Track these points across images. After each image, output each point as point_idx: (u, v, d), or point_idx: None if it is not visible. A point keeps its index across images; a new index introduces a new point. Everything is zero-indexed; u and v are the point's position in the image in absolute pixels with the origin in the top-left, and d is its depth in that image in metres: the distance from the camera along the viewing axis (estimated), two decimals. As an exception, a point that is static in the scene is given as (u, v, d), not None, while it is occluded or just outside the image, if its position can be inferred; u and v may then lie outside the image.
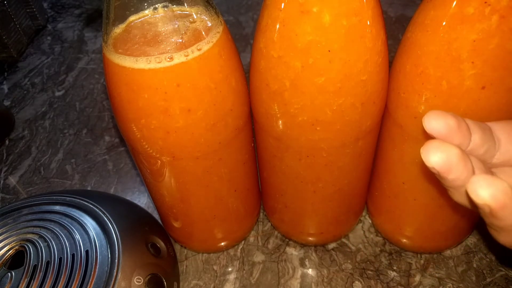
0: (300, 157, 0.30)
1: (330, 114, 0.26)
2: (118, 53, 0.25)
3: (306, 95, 0.25)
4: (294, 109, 0.26)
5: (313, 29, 0.23)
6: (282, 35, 0.24)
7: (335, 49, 0.23)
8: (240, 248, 0.40)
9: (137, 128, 0.27)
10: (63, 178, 0.49)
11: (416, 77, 0.26)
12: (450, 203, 0.32)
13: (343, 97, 0.25)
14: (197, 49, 0.25)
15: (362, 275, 0.37)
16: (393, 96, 0.29)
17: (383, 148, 0.33)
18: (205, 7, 0.26)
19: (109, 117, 0.57)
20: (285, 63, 0.25)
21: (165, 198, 0.33)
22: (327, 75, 0.24)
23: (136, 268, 0.31)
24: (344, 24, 0.23)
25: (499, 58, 0.22)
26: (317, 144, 0.28)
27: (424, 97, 0.26)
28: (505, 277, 0.36)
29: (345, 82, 0.25)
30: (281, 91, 0.26)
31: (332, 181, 0.32)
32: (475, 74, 0.23)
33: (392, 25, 0.70)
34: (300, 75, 0.25)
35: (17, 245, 0.33)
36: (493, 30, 0.22)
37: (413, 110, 0.27)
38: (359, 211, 0.39)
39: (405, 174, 0.32)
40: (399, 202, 0.34)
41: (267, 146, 0.32)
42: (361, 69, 0.25)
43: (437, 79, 0.25)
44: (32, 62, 0.70)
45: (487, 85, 0.23)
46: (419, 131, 0.28)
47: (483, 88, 0.24)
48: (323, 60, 0.24)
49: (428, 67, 0.25)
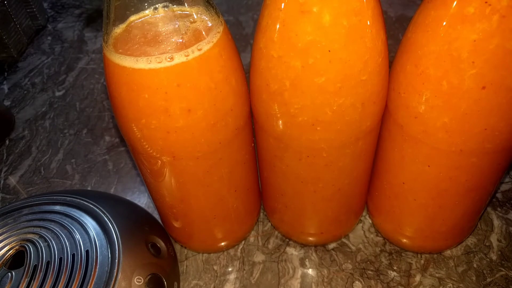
0: (300, 157, 0.30)
1: (330, 114, 0.26)
2: (118, 53, 0.25)
3: (306, 95, 0.25)
4: (294, 109, 0.26)
5: (313, 29, 0.23)
6: (282, 35, 0.24)
7: (335, 49, 0.23)
8: (240, 248, 0.40)
9: (138, 128, 0.27)
10: (63, 178, 0.49)
11: (417, 77, 0.26)
12: (450, 203, 0.32)
13: (343, 97, 0.25)
14: (197, 49, 0.25)
15: (362, 275, 0.37)
16: (393, 96, 0.29)
17: (383, 148, 0.33)
18: (206, 7, 0.26)
19: (109, 117, 0.57)
20: (285, 63, 0.25)
21: (165, 198, 0.33)
22: (327, 75, 0.24)
23: (136, 268, 0.31)
24: (344, 24, 0.23)
25: (500, 58, 0.22)
26: (317, 144, 0.28)
27: (424, 97, 0.26)
28: (505, 277, 0.36)
29: (345, 82, 0.25)
30: (281, 91, 0.26)
31: (332, 181, 0.32)
32: (476, 74, 0.23)
33: (392, 25, 0.70)
34: (300, 75, 0.25)
35: (17, 245, 0.33)
36: (493, 30, 0.22)
37: (413, 110, 0.27)
38: (359, 211, 0.39)
39: (405, 174, 0.32)
40: (399, 202, 0.34)
41: (267, 146, 0.32)
42: (361, 69, 0.25)
43: (438, 79, 0.25)
44: (32, 62, 0.70)
45: (487, 85, 0.23)
46: (419, 131, 0.28)
47: (483, 88, 0.24)
48: (323, 60, 0.24)
49: (428, 67, 0.25)
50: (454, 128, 0.26)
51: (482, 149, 0.27)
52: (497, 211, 0.41)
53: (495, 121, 0.25)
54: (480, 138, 0.26)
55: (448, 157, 0.28)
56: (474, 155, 0.27)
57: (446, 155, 0.28)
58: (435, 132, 0.27)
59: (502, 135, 0.26)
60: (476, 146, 0.27)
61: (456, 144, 0.27)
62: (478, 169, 0.29)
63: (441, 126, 0.26)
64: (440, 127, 0.26)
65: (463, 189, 0.30)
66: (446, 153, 0.28)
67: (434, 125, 0.27)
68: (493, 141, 0.26)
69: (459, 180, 0.29)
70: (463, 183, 0.30)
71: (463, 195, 0.31)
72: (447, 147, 0.27)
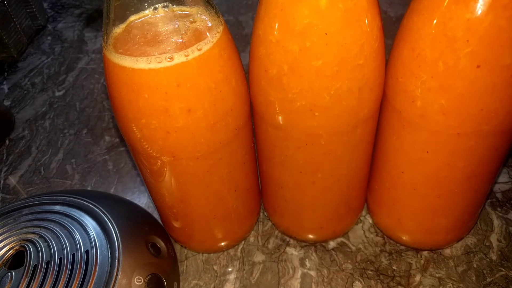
0: (299, 145, 0.30)
1: (328, 98, 0.26)
2: (118, 53, 0.25)
3: (304, 79, 0.26)
4: (293, 93, 0.27)
5: (310, 12, 0.24)
6: (280, 19, 0.25)
7: (332, 32, 0.24)
8: (240, 248, 0.40)
9: (137, 128, 0.27)
10: (63, 178, 0.49)
11: (413, 60, 0.27)
12: (450, 192, 0.32)
13: (340, 81, 0.26)
14: (197, 49, 0.25)
15: (362, 275, 0.37)
16: (391, 82, 0.29)
17: (382, 138, 0.33)
18: (205, 7, 0.26)
19: (109, 117, 0.57)
20: (283, 47, 0.25)
21: (165, 198, 0.33)
22: (324, 58, 0.25)
23: (136, 268, 0.31)
24: (340, 7, 0.23)
25: (493, 36, 0.23)
26: (316, 131, 0.29)
27: (421, 80, 0.26)
28: (505, 277, 0.36)
29: (342, 66, 0.25)
30: (279, 75, 0.26)
31: (331, 171, 0.32)
32: (470, 53, 0.24)
33: (392, 25, 0.70)
34: (298, 58, 0.25)
35: (17, 245, 0.33)
36: (486, 8, 0.22)
37: (411, 93, 0.28)
38: (359, 206, 0.39)
39: (404, 163, 0.32)
40: (399, 193, 0.35)
41: (267, 137, 0.32)
42: (358, 53, 0.25)
43: (434, 61, 0.25)
44: (32, 62, 0.71)
45: (482, 63, 0.24)
46: (417, 116, 0.28)
47: (478, 67, 0.24)
48: (320, 43, 0.24)
49: (424, 49, 0.26)
50: (451, 109, 0.26)
51: (479, 131, 0.27)
52: (497, 211, 0.41)
53: (491, 101, 0.25)
54: (477, 119, 0.26)
55: (446, 141, 0.28)
56: (472, 138, 0.28)
57: (444, 139, 0.28)
58: (432, 115, 0.27)
59: (498, 117, 0.26)
60: (473, 129, 0.27)
61: (453, 127, 0.27)
62: (476, 154, 0.29)
63: (438, 109, 0.27)
64: (437, 110, 0.27)
65: (462, 176, 0.31)
66: (444, 137, 0.28)
67: (431, 108, 0.27)
68: (490, 122, 0.26)
69: (458, 166, 0.30)
70: (461, 169, 0.30)
71: (462, 183, 0.31)
72: (444, 130, 0.28)
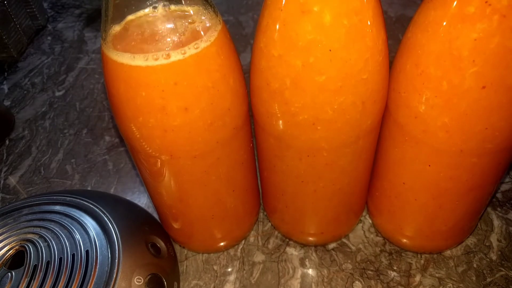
0: (300, 157, 0.30)
1: (330, 113, 0.26)
2: (116, 49, 0.25)
3: (307, 94, 0.25)
4: (295, 107, 0.26)
5: (314, 28, 0.23)
6: (283, 34, 0.24)
7: (336, 48, 0.23)
8: (240, 248, 0.40)
9: (135, 126, 0.27)
10: (63, 178, 0.49)
11: (417, 77, 0.26)
12: (451, 203, 0.32)
13: (344, 95, 0.25)
14: (194, 47, 0.25)
15: (362, 275, 0.37)
16: (394, 95, 0.28)
17: (384, 148, 0.33)
18: (204, 6, 0.26)
19: (109, 117, 0.57)
20: (285, 62, 0.25)
21: (163, 198, 0.33)
22: (328, 74, 0.24)
23: (136, 268, 0.31)
24: (345, 24, 0.23)
25: (500, 57, 0.22)
26: (318, 143, 0.28)
27: (424, 96, 0.26)
28: (505, 277, 0.35)
29: (346, 81, 0.25)
30: (281, 89, 0.26)
31: (332, 180, 0.32)
32: (476, 73, 0.23)
33: (392, 25, 0.70)
34: (300, 73, 0.25)
35: (17, 245, 0.33)
36: (494, 29, 0.22)
37: (413, 109, 0.27)
38: (360, 211, 0.39)
39: (406, 174, 0.32)
40: (400, 202, 0.34)
41: (268, 146, 0.31)
42: (362, 68, 0.25)
43: (438, 79, 0.25)
44: (32, 62, 0.71)
45: (487, 84, 0.23)
46: (419, 131, 0.28)
47: (483, 87, 0.23)
48: (324, 59, 0.24)
49: (428, 66, 0.25)
50: (455, 127, 0.26)
51: (483, 149, 0.27)
52: (497, 211, 0.41)
53: (496, 120, 0.25)
54: (481, 137, 0.26)
55: (449, 157, 0.28)
56: (475, 155, 0.27)
57: (446, 155, 0.28)
58: (435, 132, 0.27)
59: (502, 135, 0.26)
60: (476, 146, 0.27)
61: (457, 144, 0.27)
62: (478, 169, 0.29)
63: (441, 126, 0.26)
64: (441, 127, 0.26)
65: (464, 188, 0.30)
66: (446, 153, 0.28)
67: (434, 125, 0.27)
68: (494, 141, 0.26)
69: (460, 180, 0.29)
70: (463, 183, 0.30)
71: (463, 195, 0.31)
72: (447, 147, 0.27)
